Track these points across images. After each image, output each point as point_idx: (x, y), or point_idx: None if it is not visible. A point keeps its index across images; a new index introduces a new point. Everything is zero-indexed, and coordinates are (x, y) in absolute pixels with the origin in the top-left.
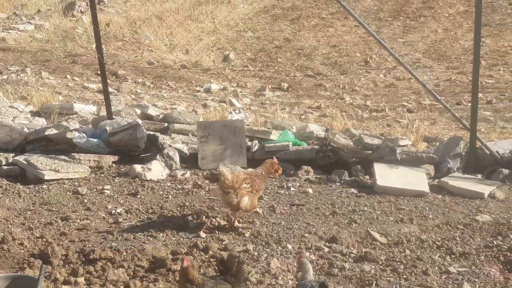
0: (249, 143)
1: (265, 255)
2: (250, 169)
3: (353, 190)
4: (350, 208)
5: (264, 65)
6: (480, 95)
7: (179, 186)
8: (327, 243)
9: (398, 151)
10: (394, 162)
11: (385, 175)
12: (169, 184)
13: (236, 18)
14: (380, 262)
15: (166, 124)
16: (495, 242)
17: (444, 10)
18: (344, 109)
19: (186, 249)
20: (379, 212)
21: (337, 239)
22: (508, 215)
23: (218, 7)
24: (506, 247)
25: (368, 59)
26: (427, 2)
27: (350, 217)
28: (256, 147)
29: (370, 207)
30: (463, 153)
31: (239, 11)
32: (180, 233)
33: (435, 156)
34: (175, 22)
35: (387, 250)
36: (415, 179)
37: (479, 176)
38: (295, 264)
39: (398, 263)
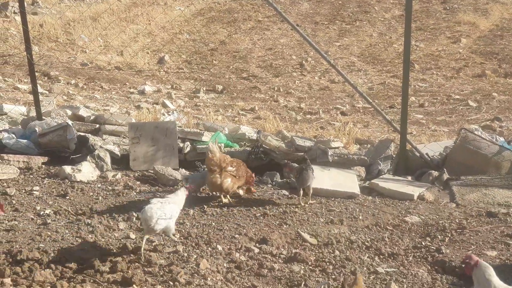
0: (181, 145)
1: (195, 256)
2: None
3: (284, 191)
4: (281, 209)
5: (199, 68)
6: (412, 98)
7: (110, 187)
8: (257, 244)
9: (330, 153)
10: (326, 164)
11: (317, 176)
12: (99, 185)
13: (172, 21)
14: (310, 263)
15: (97, 125)
16: (423, 243)
17: (380, 14)
18: (278, 112)
19: (115, 250)
20: (310, 213)
21: (268, 240)
22: (437, 216)
23: (154, 9)
24: (434, 248)
25: (304, 62)
26: (363, 7)
27: (281, 218)
28: (188, 149)
29: (301, 208)
30: (394, 156)
31: (176, 14)
32: (109, 234)
33: (366, 158)
34: (110, 24)
35: (317, 251)
36: (346, 181)
37: (409, 178)
38: None
39: (328, 263)
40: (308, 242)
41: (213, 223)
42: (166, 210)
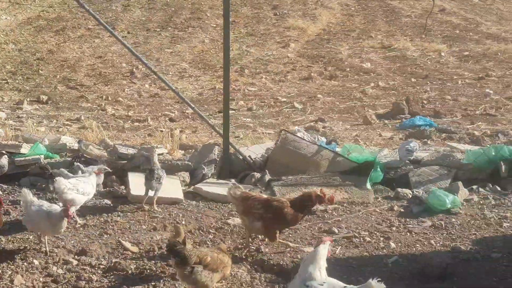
0: None
1: (9, 272)
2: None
3: (106, 201)
4: (102, 219)
5: (25, 78)
6: (241, 102)
7: None
8: (76, 256)
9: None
10: None
11: (140, 184)
12: None
13: None
14: (130, 272)
15: None
16: (244, 244)
17: (212, 20)
18: (106, 121)
19: None
20: (132, 221)
21: (87, 251)
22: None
23: None
24: (254, 248)
25: (134, 69)
26: (196, 13)
27: (102, 228)
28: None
29: (124, 217)
30: (218, 159)
31: (1, 23)
32: None
33: (190, 163)
34: None
35: (137, 259)
36: (170, 187)
37: (233, 181)
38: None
39: (148, 270)
40: (130, 250)
41: (30, 237)
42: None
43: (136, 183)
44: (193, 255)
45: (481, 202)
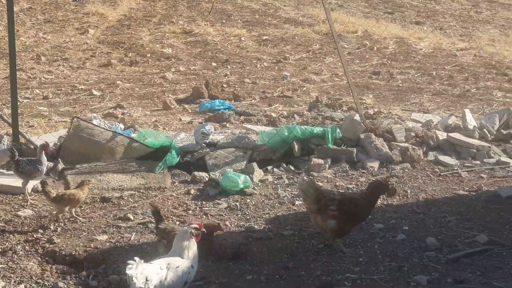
0: None
1: None
2: None
3: None
4: None
5: None
6: (37, 90)
7: None
8: None
9: None
10: None
11: None
12: None
13: None
14: None
15: None
16: (35, 236)
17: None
18: None
19: None
20: None
21: None
22: (51, 208)
23: None
24: (46, 239)
25: None
26: None
27: None
28: None
29: None
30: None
31: None
32: None
33: None
34: None
35: None
36: None
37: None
38: None
39: None
40: None
41: None
42: None
43: None
44: None
45: (275, 182)
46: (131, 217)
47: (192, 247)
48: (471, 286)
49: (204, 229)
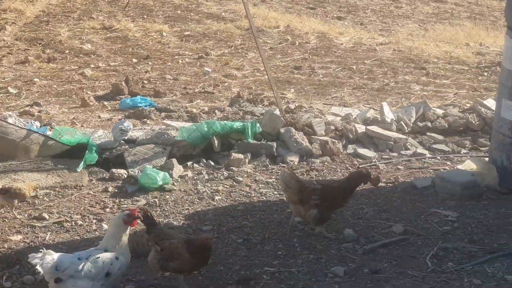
0: None
1: None
2: None
3: None
4: None
5: None
6: None
7: None
8: None
9: None
10: None
11: None
12: None
13: None
14: None
15: None
16: None
17: None
18: None
19: None
20: None
21: None
22: None
23: None
24: None
25: None
26: None
27: None
28: None
29: None
30: None
31: None
32: None
33: None
34: None
35: None
36: None
37: None
38: None
39: None
40: None
41: None
42: None
43: None
44: None
45: (195, 177)
46: (46, 216)
47: (119, 236)
48: (386, 276)
49: (139, 216)
